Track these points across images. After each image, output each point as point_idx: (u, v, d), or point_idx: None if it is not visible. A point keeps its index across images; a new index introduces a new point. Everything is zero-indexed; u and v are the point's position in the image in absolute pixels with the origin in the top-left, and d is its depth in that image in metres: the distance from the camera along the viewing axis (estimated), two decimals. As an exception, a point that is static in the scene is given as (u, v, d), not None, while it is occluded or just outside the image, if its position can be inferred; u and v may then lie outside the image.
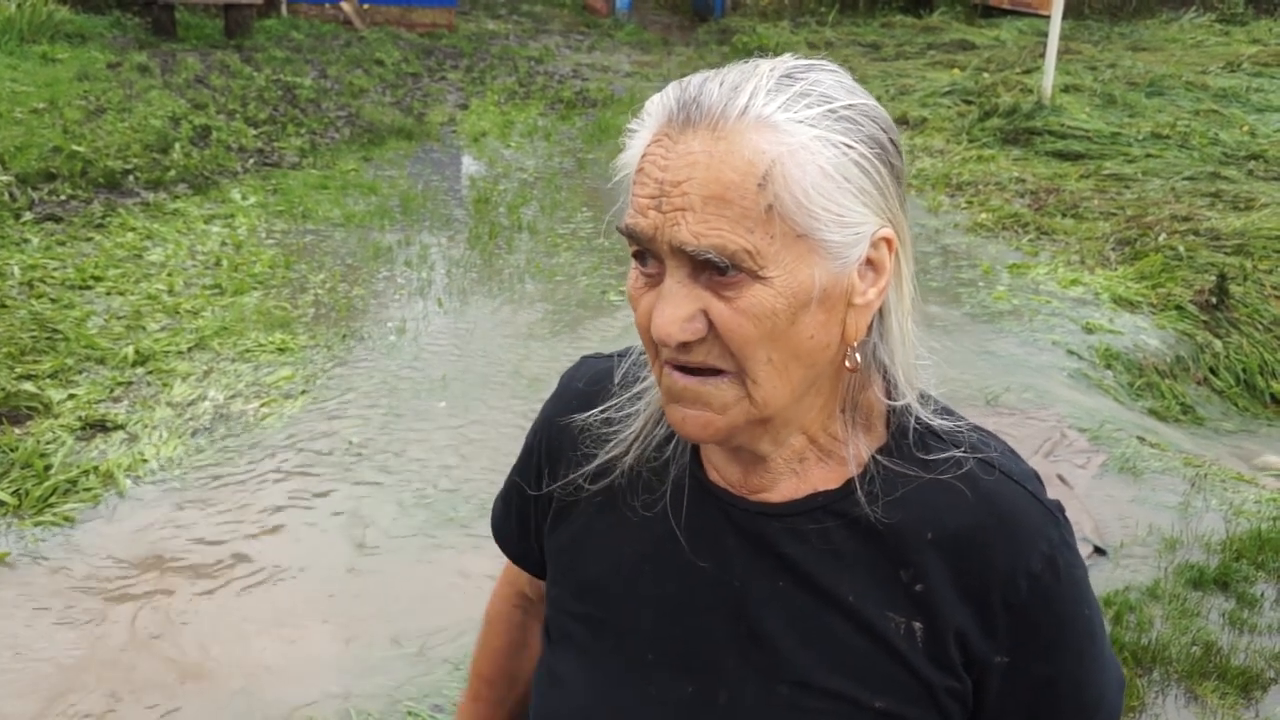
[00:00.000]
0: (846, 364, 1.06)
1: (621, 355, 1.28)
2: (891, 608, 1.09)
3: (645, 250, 1.02)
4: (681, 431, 1.06)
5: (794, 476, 1.13)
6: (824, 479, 1.12)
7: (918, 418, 1.12)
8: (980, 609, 1.07)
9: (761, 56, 1.06)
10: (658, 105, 1.03)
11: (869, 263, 1.02)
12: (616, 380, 1.25)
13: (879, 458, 1.11)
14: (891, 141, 1.03)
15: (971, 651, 1.09)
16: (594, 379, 1.28)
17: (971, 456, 1.11)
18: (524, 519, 1.36)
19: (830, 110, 0.99)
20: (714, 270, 0.97)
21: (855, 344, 1.05)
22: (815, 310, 1.00)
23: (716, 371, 1.02)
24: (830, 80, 1.02)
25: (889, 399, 1.12)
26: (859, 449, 1.11)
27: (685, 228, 0.96)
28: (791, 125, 0.97)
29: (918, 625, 1.08)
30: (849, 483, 1.11)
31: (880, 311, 1.08)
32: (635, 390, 1.22)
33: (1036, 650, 1.09)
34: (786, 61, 1.03)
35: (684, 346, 1.00)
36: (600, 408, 1.24)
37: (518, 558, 1.42)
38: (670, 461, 1.18)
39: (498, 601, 1.52)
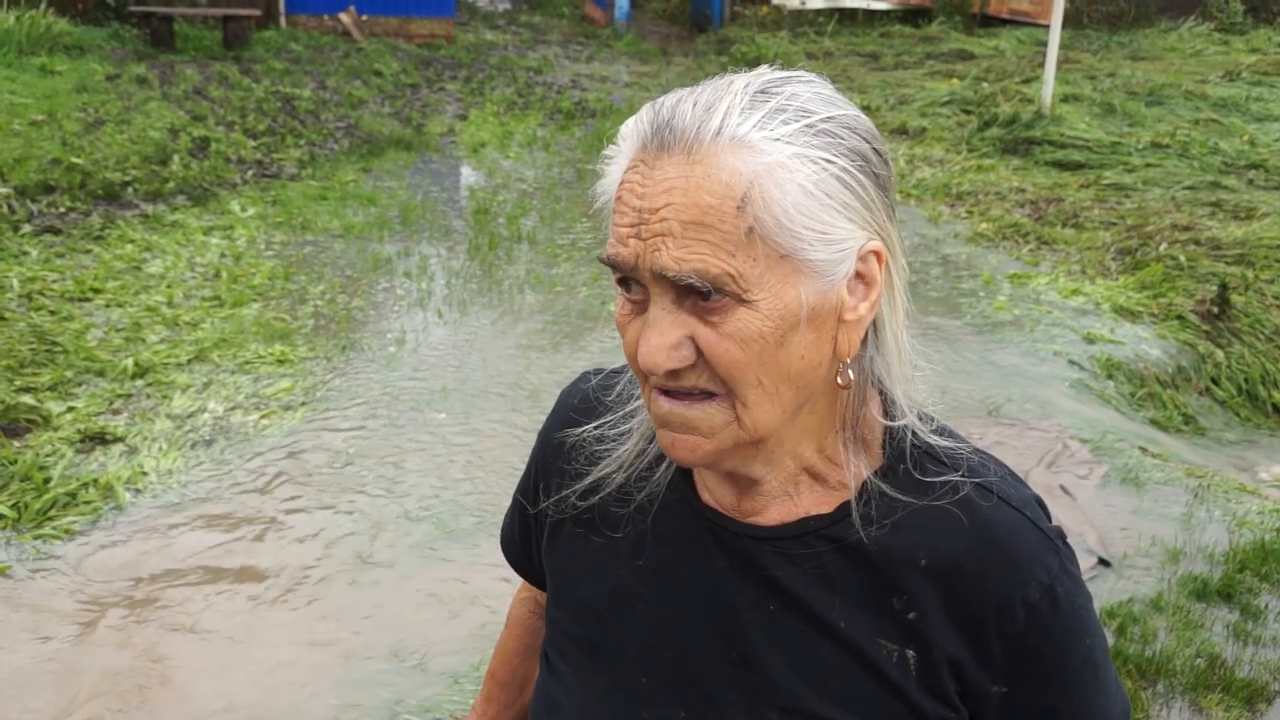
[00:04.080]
0: (839, 380, 1.04)
1: (619, 371, 1.26)
2: (884, 635, 1.07)
3: (628, 278, 1.00)
4: (672, 456, 1.04)
5: (787, 500, 1.11)
6: (816, 503, 1.10)
7: (915, 439, 1.09)
8: (975, 639, 1.05)
9: (759, 67, 1.04)
10: (632, 130, 1.01)
11: (859, 276, 1.00)
12: (611, 397, 1.23)
13: (875, 481, 1.08)
14: (875, 151, 1.01)
15: (967, 681, 1.07)
16: (590, 395, 1.27)
17: (969, 481, 1.08)
18: (526, 535, 1.35)
19: (808, 125, 0.96)
20: (698, 295, 0.96)
21: (848, 360, 1.03)
22: (804, 330, 0.98)
23: (706, 395, 1.00)
24: (808, 92, 0.99)
25: (887, 418, 1.10)
26: (858, 469, 1.09)
27: (666, 254, 0.94)
28: (768, 144, 0.94)
29: (910, 653, 1.06)
30: (842, 507, 1.09)
31: (874, 325, 1.05)
32: (629, 408, 1.20)
33: (1035, 681, 1.07)
34: (763, 75, 1.00)
35: (672, 374, 0.99)
36: (594, 424, 1.23)
37: (524, 572, 1.42)
38: (662, 482, 1.16)
39: (516, 605, 1.52)
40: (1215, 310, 6.90)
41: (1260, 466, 5.65)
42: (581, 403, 1.27)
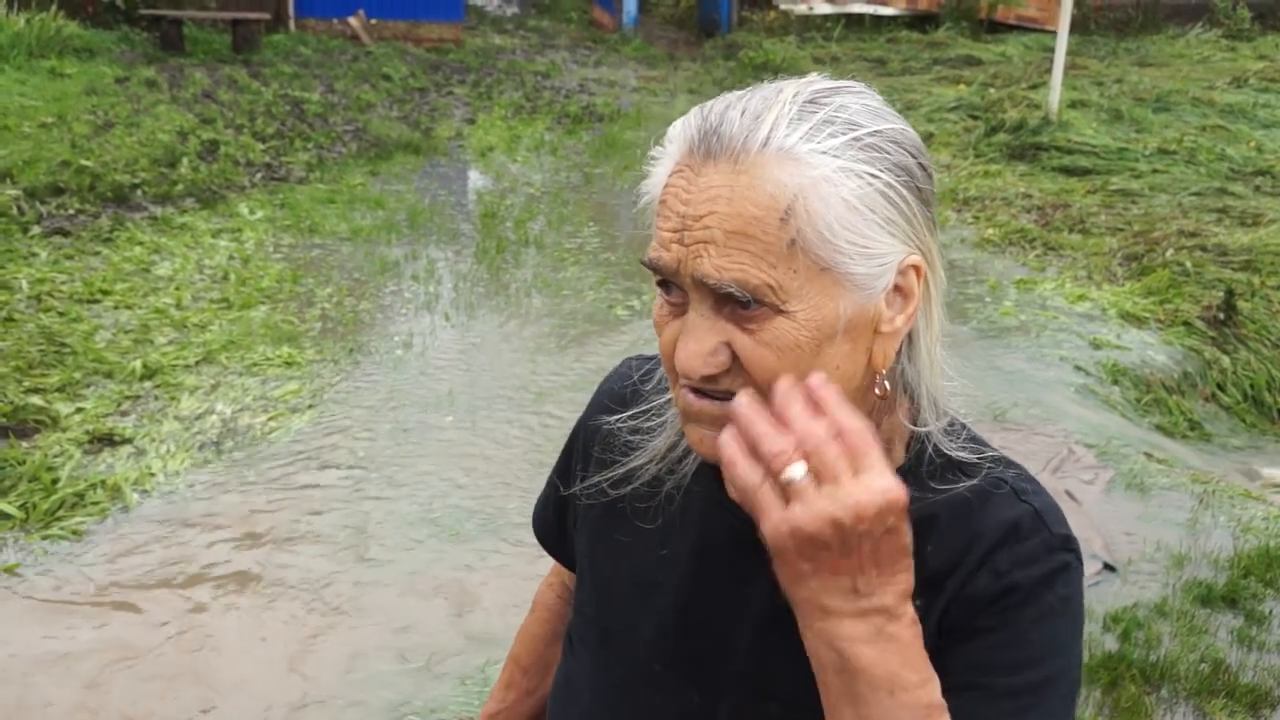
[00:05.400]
0: (876, 391, 1.04)
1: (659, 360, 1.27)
2: None
3: (668, 280, 1.01)
4: (699, 451, 1.05)
5: None
6: None
7: (937, 447, 1.10)
8: (962, 615, 1.05)
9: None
10: (679, 133, 1.01)
11: (897, 289, 1.01)
12: (649, 387, 1.25)
13: None
14: (920, 165, 1.01)
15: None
16: (629, 382, 1.29)
17: (985, 483, 1.09)
18: (561, 517, 1.37)
19: (855, 139, 0.97)
20: (737, 304, 0.96)
21: (883, 371, 1.03)
22: (840, 341, 0.99)
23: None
24: (856, 105, 0.99)
25: (914, 424, 1.10)
26: None
27: (708, 261, 0.95)
28: (814, 156, 0.95)
29: None
30: None
31: (909, 336, 1.06)
32: (663, 400, 1.21)
33: (973, 643, 1.04)
34: (812, 84, 1.00)
35: (708, 377, 1.00)
36: (630, 412, 1.24)
37: (557, 553, 1.43)
38: (688, 474, 1.18)
39: (544, 589, 1.52)
40: (1221, 316, 6.90)
41: (1260, 471, 5.64)
42: (619, 390, 1.29)
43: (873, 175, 0.97)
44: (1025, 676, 1.03)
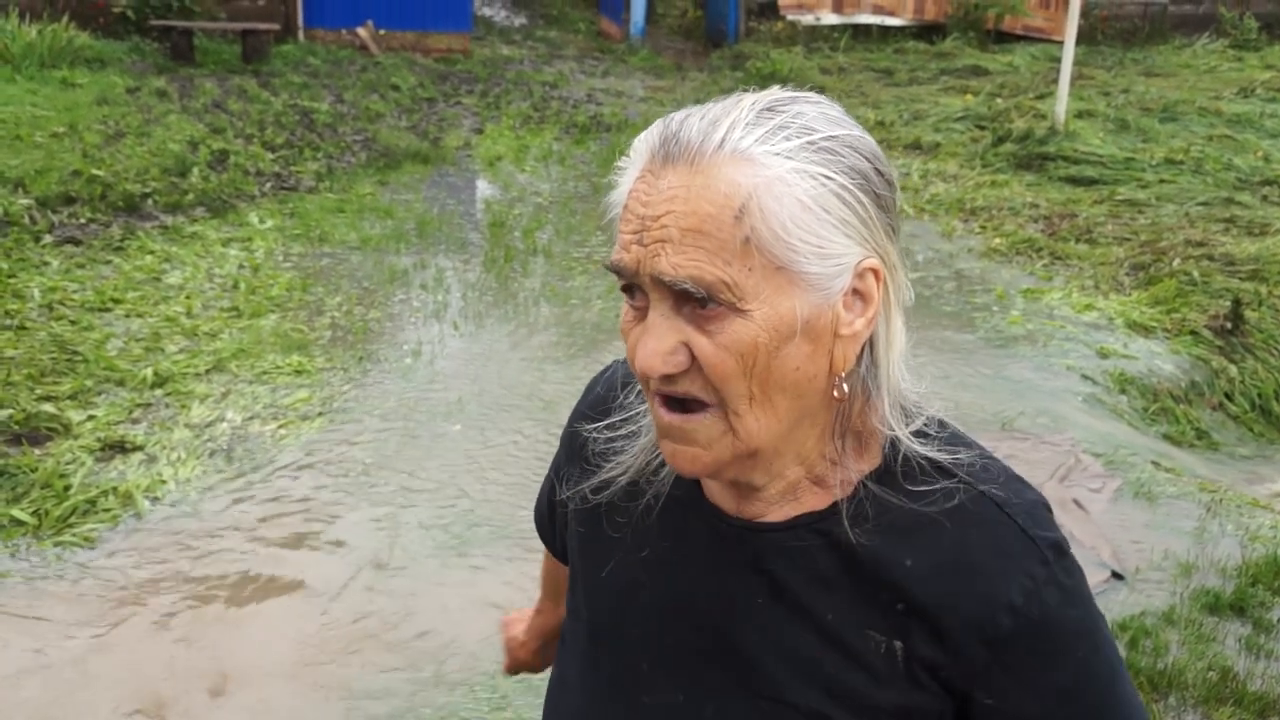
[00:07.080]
0: (834, 394, 1.06)
1: None
2: (872, 626, 1.09)
3: (632, 285, 1.04)
4: (673, 465, 1.08)
5: (788, 504, 1.14)
6: (814, 503, 1.13)
7: (910, 449, 1.11)
8: (951, 645, 1.06)
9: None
10: (643, 143, 1.05)
11: (856, 293, 1.03)
12: (632, 398, 1.27)
13: (868, 483, 1.11)
14: (877, 171, 1.03)
15: (947, 685, 1.08)
16: (612, 386, 1.32)
17: (961, 487, 1.09)
18: (553, 511, 1.42)
19: (809, 142, 1.00)
20: (695, 303, 0.99)
21: (843, 374, 1.05)
22: (800, 342, 1.01)
23: (702, 406, 1.03)
24: (813, 112, 1.02)
25: (888, 428, 1.11)
26: (847, 473, 1.11)
27: (664, 259, 0.98)
28: (768, 158, 0.98)
29: (898, 645, 1.07)
30: (835, 504, 1.11)
31: (870, 341, 1.08)
32: (644, 407, 1.23)
33: (1020, 689, 1.07)
34: (771, 94, 1.04)
35: (668, 378, 1.02)
36: (607, 422, 1.27)
37: (552, 547, 1.48)
38: (668, 479, 1.20)
39: None
40: (1228, 325, 6.91)
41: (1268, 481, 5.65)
42: (605, 391, 1.32)
43: (827, 177, 0.99)
44: (1088, 697, 1.09)
